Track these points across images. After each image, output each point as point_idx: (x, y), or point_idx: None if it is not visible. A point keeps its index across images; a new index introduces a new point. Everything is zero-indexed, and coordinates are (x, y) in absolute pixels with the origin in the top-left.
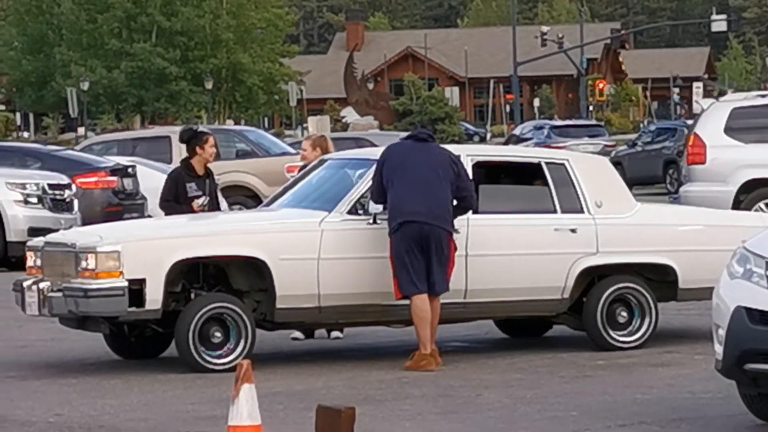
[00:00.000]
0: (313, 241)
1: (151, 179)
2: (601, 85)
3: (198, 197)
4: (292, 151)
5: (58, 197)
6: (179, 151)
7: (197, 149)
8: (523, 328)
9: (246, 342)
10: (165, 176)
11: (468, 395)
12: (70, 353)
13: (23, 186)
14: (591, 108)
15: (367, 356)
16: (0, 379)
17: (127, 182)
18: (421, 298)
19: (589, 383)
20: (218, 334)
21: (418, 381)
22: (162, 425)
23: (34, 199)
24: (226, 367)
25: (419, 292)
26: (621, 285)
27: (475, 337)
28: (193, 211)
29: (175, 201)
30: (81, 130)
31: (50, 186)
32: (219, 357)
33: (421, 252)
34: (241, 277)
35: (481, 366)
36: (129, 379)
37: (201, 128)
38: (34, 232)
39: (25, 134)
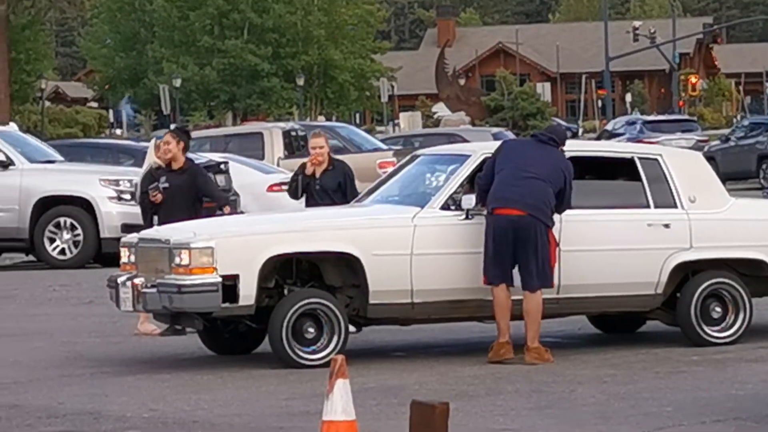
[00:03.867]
0: (405, 237)
1: (244, 176)
2: (693, 80)
3: (164, 189)
4: (384, 147)
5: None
6: (272, 148)
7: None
8: (617, 324)
9: (339, 338)
10: (257, 172)
11: (561, 391)
12: (163, 349)
13: (117, 182)
14: (683, 103)
15: (460, 351)
16: (95, 374)
17: (220, 179)
18: (501, 288)
19: (683, 379)
20: (311, 329)
21: (511, 376)
22: (256, 420)
23: (128, 196)
24: (320, 362)
25: (500, 282)
26: (715, 280)
27: (568, 333)
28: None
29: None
30: (173, 127)
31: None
32: (312, 353)
33: (512, 242)
34: (334, 273)
35: (574, 362)
36: (223, 375)
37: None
38: (128, 228)
39: (118, 131)
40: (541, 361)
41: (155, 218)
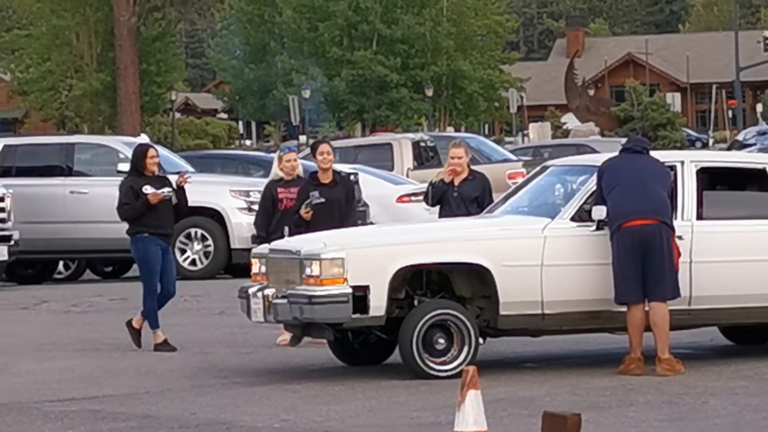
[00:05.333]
0: (536, 248)
1: (374, 187)
2: None
3: (320, 204)
4: (513, 157)
5: None
6: (401, 159)
7: (314, 159)
8: (748, 335)
9: (470, 349)
10: (387, 183)
11: (693, 402)
12: (294, 359)
13: (247, 194)
14: None
15: (591, 363)
16: (226, 385)
17: None
18: (639, 307)
19: None
20: (442, 340)
21: (642, 388)
22: (386, 431)
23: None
24: (450, 373)
25: (634, 301)
26: None
27: (700, 344)
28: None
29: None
30: (302, 138)
31: None
32: (443, 363)
33: (641, 256)
34: (464, 284)
35: (705, 373)
36: (353, 386)
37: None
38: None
39: (248, 142)
40: (672, 372)
41: (285, 229)
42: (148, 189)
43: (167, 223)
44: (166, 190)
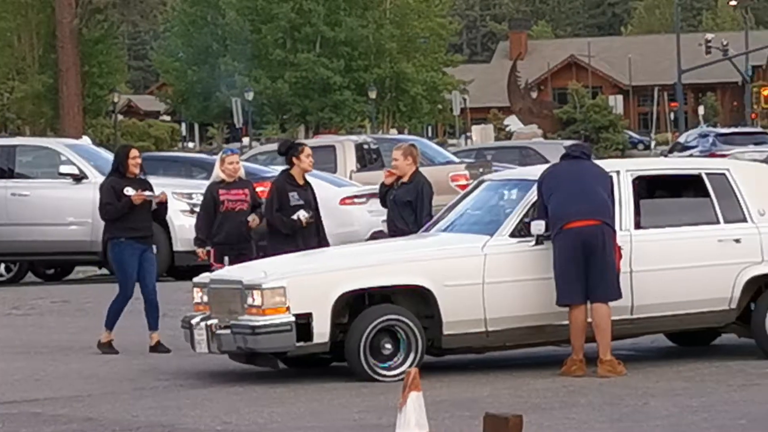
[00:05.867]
0: (476, 266)
1: (317, 189)
2: (766, 93)
3: (300, 206)
4: (456, 160)
5: None
6: (344, 161)
7: (294, 159)
8: (690, 337)
9: (416, 354)
10: (330, 185)
11: (634, 404)
12: (236, 362)
13: (189, 196)
14: (756, 115)
15: (533, 364)
16: (168, 388)
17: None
18: (581, 309)
19: (756, 391)
20: (389, 345)
21: (584, 389)
22: None
23: None
24: (396, 379)
25: (575, 302)
26: None
27: (641, 346)
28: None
29: (279, 209)
30: (246, 140)
31: None
32: (389, 369)
33: (583, 258)
34: (408, 305)
35: (647, 374)
36: (296, 388)
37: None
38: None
39: (191, 144)
40: (614, 373)
41: (226, 259)
42: (129, 191)
43: (144, 226)
44: (148, 193)
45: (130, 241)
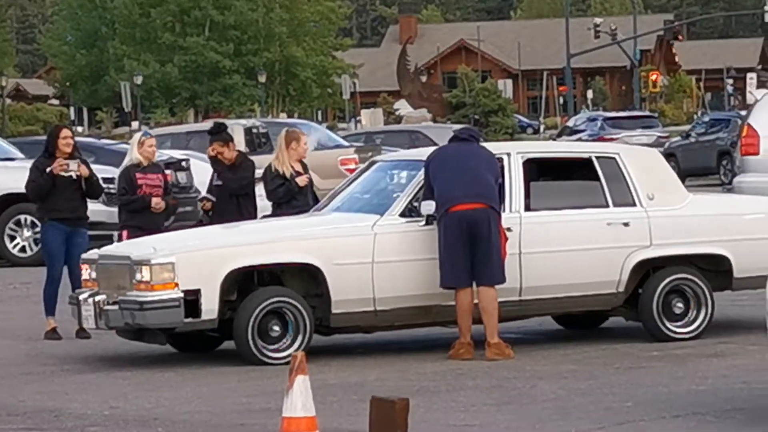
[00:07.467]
0: (366, 245)
1: (206, 173)
2: (654, 77)
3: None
4: (346, 144)
5: (112, 191)
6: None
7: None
8: (578, 320)
9: (304, 336)
10: None
11: (522, 386)
12: (124, 346)
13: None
14: (644, 99)
15: (421, 348)
16: (55, 372)
17: (181, 176)
18: (467, 291)
19: (643, 374)
20: (276, 328)
21: (472, 372)
22: (217, 417)
23: None
24: (284, 361)
25: (460, 285)
26: (676, 276)
27: (529, 329)
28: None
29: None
30: (135, 124)
31: (104, 180)
32: (276, 351)
33: (468, 241)
34: (297, 283)
35: (535, 357)
36: (184, 372)
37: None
38: (90, 225)
39: (79, 128)
40: (502, 356)
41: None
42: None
43: (72, 206)
44: (66, 161)
45: (53, 222)
